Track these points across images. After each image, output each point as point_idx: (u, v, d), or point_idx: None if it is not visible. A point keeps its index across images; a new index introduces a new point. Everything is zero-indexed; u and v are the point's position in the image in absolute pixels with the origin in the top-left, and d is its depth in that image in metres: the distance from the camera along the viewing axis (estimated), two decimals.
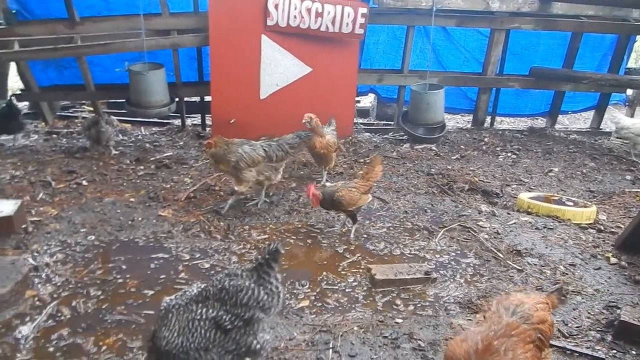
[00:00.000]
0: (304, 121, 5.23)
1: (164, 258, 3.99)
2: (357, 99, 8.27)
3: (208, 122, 7.30)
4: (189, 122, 7.63)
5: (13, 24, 6.34)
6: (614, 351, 3.12)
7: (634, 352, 3.11)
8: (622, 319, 3.21)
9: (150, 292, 3.55)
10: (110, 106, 8.16)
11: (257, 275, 2.54)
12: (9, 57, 6.44)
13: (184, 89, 7.03)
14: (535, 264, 4.09)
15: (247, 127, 6.36)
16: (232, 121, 6.57)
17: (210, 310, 2.46)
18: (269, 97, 6.66)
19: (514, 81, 7.66)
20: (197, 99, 7.52)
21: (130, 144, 6.63)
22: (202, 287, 2.57)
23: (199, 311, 2.46)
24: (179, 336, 2.41)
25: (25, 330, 3.11)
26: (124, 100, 6.67)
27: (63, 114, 8.00)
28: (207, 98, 7.03)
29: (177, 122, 7.50)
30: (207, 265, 3.91)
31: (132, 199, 4.98)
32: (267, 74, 6.55)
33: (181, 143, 6.74)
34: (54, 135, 6.84)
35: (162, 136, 7.05)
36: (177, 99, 6.84)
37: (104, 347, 3.00)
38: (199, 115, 7.59)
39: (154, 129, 7.41)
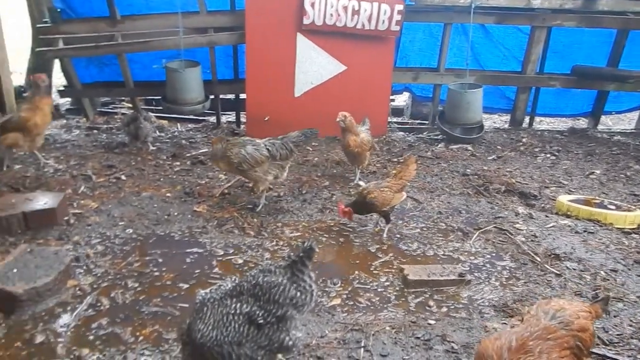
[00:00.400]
0: (338, 119, 5.22)
1: (198, 253, 4.07)
2: (391, 97, 8.19)
3: (243, 119, 7.39)
4: (224, 119, 7.74)
5: (58, 22, 6.58)
6: None
7: None
8: None
9: (185, 286, 3.62)
10: (148, 103, 8.37)
11: (291, 273, 2.55)
12: (54, 54, 6.70)
13: (220, 87, 7.13)
14: (574, 269, 3.96)
15: (281, 125, 6.36)
16: (267, 119, 6.63)
17: (244, 305, 2.49)
18: (303, 95, 6.68)
19: (555, 80, 7.42)
20: (232, 96, 7.61)
21: (167, 140, 6.78)
22: (237, 282, 2.61)
23: (233, 306, 2.49)
24: (214, 329, 2.44)
25: (67, 318, 3.23)
26: (160, 97, 6.82)
27: (103, 110, 8.26)
28: (242, 95, 7.11)
29: (213, 119, 7.62)
30: (240, 261, 3.96)
31: (168, 194, 5.09)
32: (301, 72, 6.57)
33: None
34: (95, 131, 7.07)
35: (197, 133, 7.17)
36: (212, 97, 6.95)
37: (141, 338, 3.09)
38: (234, 112, 7.69)
39: (189, 125, 7.56)
